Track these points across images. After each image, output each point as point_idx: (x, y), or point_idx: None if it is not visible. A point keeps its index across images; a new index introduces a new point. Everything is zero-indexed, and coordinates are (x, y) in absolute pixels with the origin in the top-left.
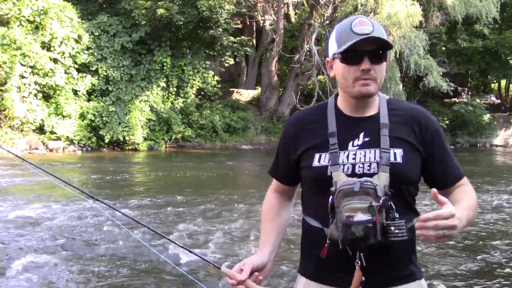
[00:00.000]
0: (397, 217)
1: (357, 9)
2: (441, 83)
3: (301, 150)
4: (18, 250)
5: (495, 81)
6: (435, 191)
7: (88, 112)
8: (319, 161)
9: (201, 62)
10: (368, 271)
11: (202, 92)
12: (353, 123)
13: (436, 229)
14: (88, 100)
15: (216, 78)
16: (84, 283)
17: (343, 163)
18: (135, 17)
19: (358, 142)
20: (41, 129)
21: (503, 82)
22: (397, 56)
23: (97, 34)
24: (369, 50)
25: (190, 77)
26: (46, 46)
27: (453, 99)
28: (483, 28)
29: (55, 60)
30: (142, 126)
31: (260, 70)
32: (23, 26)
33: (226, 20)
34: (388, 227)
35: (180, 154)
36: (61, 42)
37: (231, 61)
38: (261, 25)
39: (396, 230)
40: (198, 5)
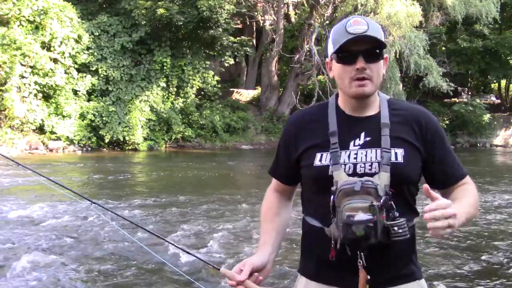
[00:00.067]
0: (397, 217)
1: (357, 9)
2: (441, 83)
3: (302, 150)
4: (19, 250)
5: (495, 81)
6: (427, 187)
7: (88, 112)
8: (320, 161)
9: (201, 62)
10: (369, 271)
11: (202, 92)
12: (354, 123)
13: (442, 218)
14: (88, 100)
15: (216, 78)
16: (84, 284)
17: (345, 163)
18: (135, 17)
19: (359, 142)
20: (41, 129)
21: (503, 82)
22: (397, 56)
23: (97, 34)
24: (363, 49)
25: (190, 77)
26: (46, 46)
27: (453, 99)
28: (483, 28)
29: (55, 60)
30: (142, 126)
31: (260, 70)
32: (23, 26)
33: (226, 20)
34: (390, 227)
35: (180, 154)
36: (61, 42)
37: (231, 61)
38: (261, 25)
39: (400, 230)
40: (198, 5)
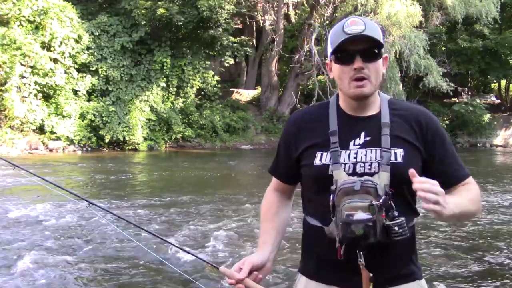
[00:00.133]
0: (397, 216)
1: (357, 9)
2: (441, 83)
3: (302, 149)
4: (21, 250)
5: (495, 81)
6: (413, 170)
7: (88, 112)
8: (321, 160)
9: (201, 62)
10: (369, 270)
11: (202, 92)
12: (354, 122)
13: (431, 192)
14: (88, 100)
15: (216, 78)
16: (84, 284)
17: (344, 162)
18: (135, 17)
19: (360, 141)
20: (41, 129)
21: (503, 82)
22: (397, 56)
23: (97, 34)
24: (361, 49)
25: (190, 77)
26: (46, 46)
27: (453, 99)
28: (483, 28)
29: (55, 60)
30: (142, 126)
31: (260, 70)
32: (23, 26)
33: (226, 20)
34: (390, 226)
35: (180, 154)
36: (61, 42)
37: (231, 61)
38: (261, 25)
39: (400, 230)
40: (198, 5)
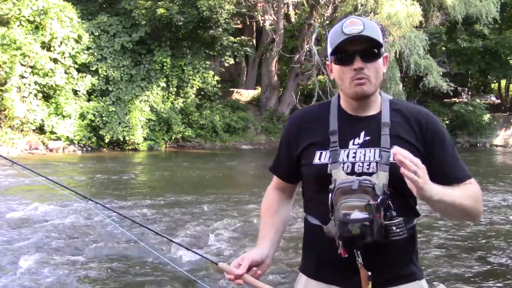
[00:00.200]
0: (395, 216)
1: (357, 9)
2: (441, 83)
3: (302, 147)
4: (23, 250)
5: (495, 81)
6: (395, 151)
7: (88, 112)
8: (320, 159)
9: (201, 62)
10: (368, 270)
11: (202, 92)
12: (355, 122)
13: (410, 161)
14: (88, 100)
15: (216, 78)
16: (87, 283)
17: (343, 162)
18: (135, 17)
19: (359, 141)
20: (41, 129)
21: (503, 82)
22: (397, 56)
23: (97, 34)
24: (360, 49)
25: (190, 77)
26: (46, 46)
27: (453, 99)
28: (483, 28)
29: (55, 60)
30: (142, 126)
31: (260, 70)
32: (23, 26)
33: (226, 20)
34: (387, 226)
35: (180, 154)
36: (61, 42)
37: (231, 61)
38: (261, 25)
39: (397, 230)
40: (198, 5)
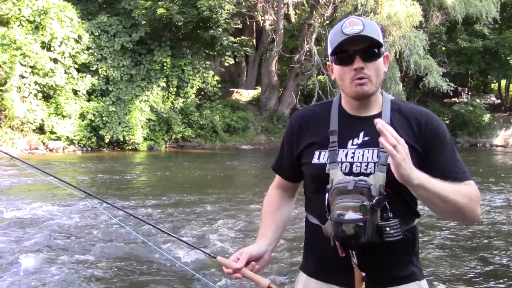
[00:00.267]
0: (391, 217)
1: (357, 9)
2: (441, 83)
3: (302, 147)
4: (21, 250)
5: (495, 81)
6: (377, 120)
7: (88, 112)
8: (319, 159)
9: (201, 62)
10: (366, 271)
11: (202, 92)
12: (355, 122)
13: (393, 136)
14: (88, 100)
15: (216, 78)
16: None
17: (341, 162)
18: (135, 17)
19: (358, 141)
20: (41, 129)
21: (503, 82)
22: (397, 56)
23: (97, 34)
24: (360, 49)
25: (190, 77)
26: (46, 46)
27: (453, 99)
28: (483, 28)
29: (55, 60)
30: (142, 126)
31: (260, 70)
32: (23, 26)
33: (226, 20)
34: (382, 227)
35: (181, 154)
36: (61, 42)
37: (231, 61)
38: (261, 25)
39: (391, 231)
40: (198, 5)
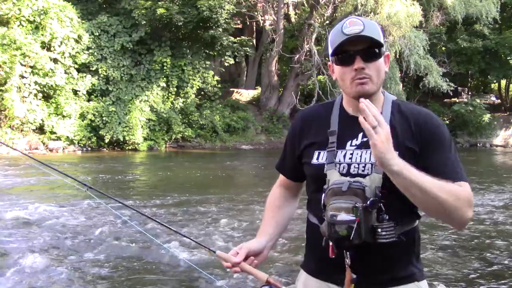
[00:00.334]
0: (387, 219)
1: (357, 9)
2: (441, 83)
3: (303, 146)
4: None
5: (495, 81)
6: (362, 100)
7: (88, 112)
8: (318, 159)
9: (201, 62)
10: (362, 271)
11: (202, 92)
12: (354, 123)
13: (375, 116)
14: (88, 100)
15: (216, 78)
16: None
17: (339, 162)
18: (135, 17)
19: (356, 142)
20: (41, 129)
21: (503, 82)
22: (397, 56)
23: (97, 34)
24: (360, 49)
25: (190, 77)
26: (46, 46)
27: (453, 99)
28: (483, 28)
29: (55, 60)
30: (142, 126)
31: (260, 70)
32: (23, 26)
33: (226, 20)
34: (375, 229)
35: (181, 154)
36: (61, 42)
37: (231, 61)
38: (261, 25)
39: (383, 232)
40: (198, 5)
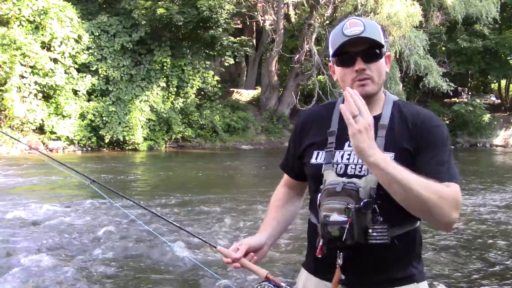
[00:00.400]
0: (381, 221)
1: (357, 9)
2: (441, 83)
3: (304, 146)
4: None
5: (495, 81)
6: (348, 90)
7: (88, 112)
8: (316, 159)
9: (201, 62)
10: (354, 272)
11: (202, 92)
12: None
13: (357, 104)
14: (88, 100)
15: (216, 78)
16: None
17: (337, 163)
18: (135, 17)
19: None
20: (41, 129)
21: (503, 82)
22: (397, 56)
23: (97, 34)
24: (361, 50)
25: (190, 77)
26: (46, 46)
27: (453, 99)
28: (483, 28)
29: (55, 60)
30: (142, 126)
31: (260, 70)
32: (23, 26)
33: (226, 20)
34: (367, 230)
35: (181, 155)
36: (61, 42)
37: (231, 61)
38: (261, 25)
39: (374, 233)
40: (198, 5)
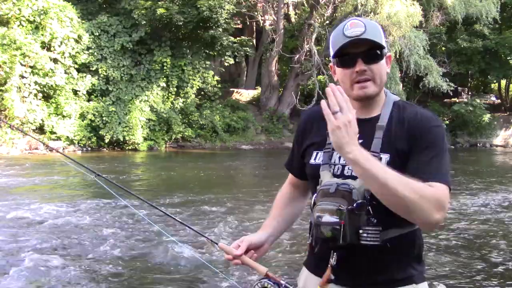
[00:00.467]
0: (374, 223)
1: (357, 9)
2: (441, 83)
3: (305, 146)
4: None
5: (495, 81)
6: (331, 86)
7: (88, 112)
8: (315, 159)
9: (201, 62)
10: (347, 272)
11: (202, 92)
12: None
13: (339, 100)
14: (88, 100)
15: (216, 78)
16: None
17: (335, 163)
18: (135, 17)
19: None
20: (41, 129)
21: (503, 82)
22: (397, 56)
23: (97, 34)
24: (362, 52)
25: (190, 77)
26: (46, 46)
27: (453, 99)
28: (483, 28)
29: (55, 60)
30: (142, 126)
31: (260, 70)
32: (23, 26)
33: (226, 20)
34: (359, 231)
35: (181, 155)
36: (61, 42)
37: (231, 61)
38: (261, 25)
39: (365, 234)
40: (198, 5)
